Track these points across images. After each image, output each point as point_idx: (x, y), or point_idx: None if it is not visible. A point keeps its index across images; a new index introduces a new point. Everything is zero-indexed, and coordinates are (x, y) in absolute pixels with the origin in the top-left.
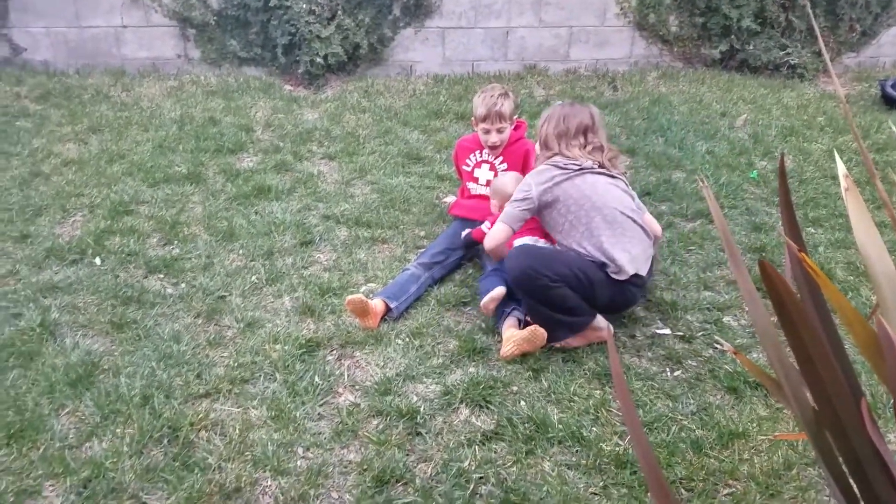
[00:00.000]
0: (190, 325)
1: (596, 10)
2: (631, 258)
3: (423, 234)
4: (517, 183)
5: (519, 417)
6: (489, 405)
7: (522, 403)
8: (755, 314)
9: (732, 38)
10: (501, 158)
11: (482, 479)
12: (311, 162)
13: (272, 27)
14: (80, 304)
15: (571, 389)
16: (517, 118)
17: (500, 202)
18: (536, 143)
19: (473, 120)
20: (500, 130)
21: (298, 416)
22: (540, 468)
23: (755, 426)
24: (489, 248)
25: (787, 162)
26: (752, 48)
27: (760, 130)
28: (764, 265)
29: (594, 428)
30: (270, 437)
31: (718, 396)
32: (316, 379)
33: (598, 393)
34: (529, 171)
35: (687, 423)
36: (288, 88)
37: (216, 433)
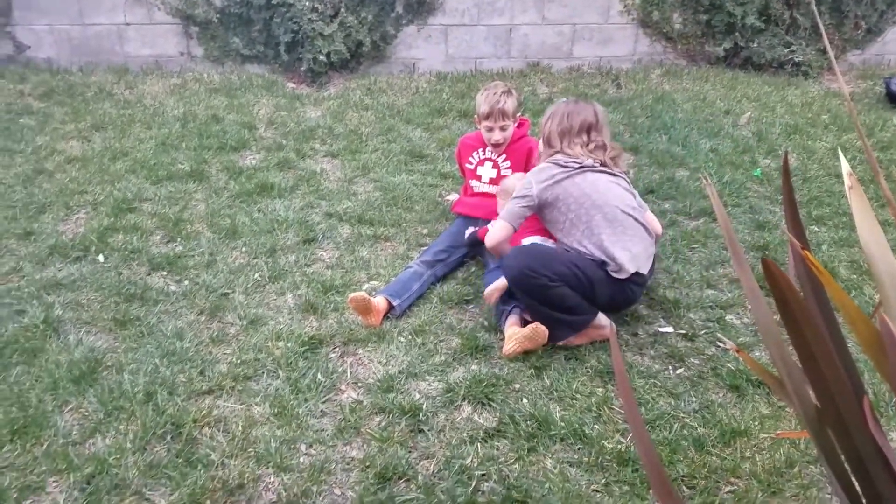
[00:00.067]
0: (193, 322)
1: (599, 7)
2: (631, 256)
3: (425, 231)
4: None
5: (521, 415)
6: (491, 402)
7: (525, 401)
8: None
9: (736, 35)
10: (504, 156)
11: (484, 476)
12: (313, 160)
13: (275, 25)
14: (83, 300)
15: (574, 387)
16: (520, 116)
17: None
18: (539, 140)
19: (476, 118)
20: (503, 128)
21: (301, 412)
22: (542, 465)
23: (757, 424)
24: (490, 245)
25: (790, 160)
26: (756, 46)
27: (764, 128)
28: (767, 263)
29: (596, 425)
30: (273, 433)
31: (721, 394)
32: (319, 376)
33: (600, 391)
34: (532, 168)
35: (689, 420)
36: (291, 86)
37: (219, 430)
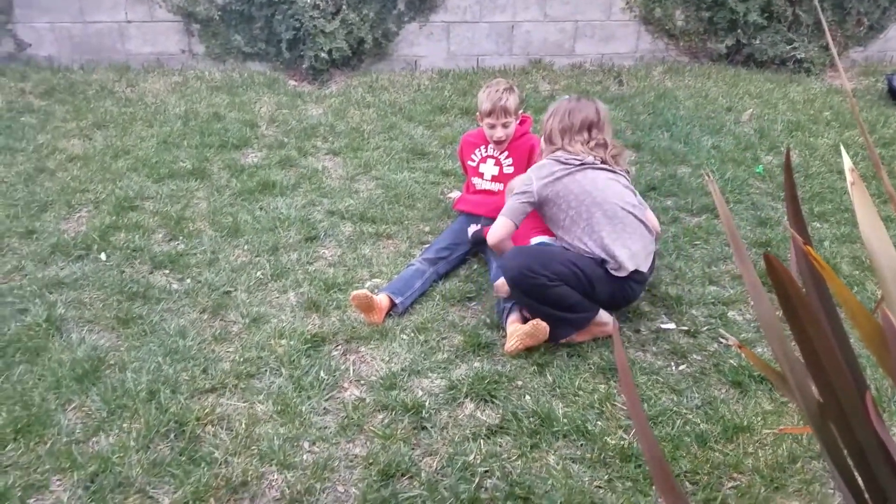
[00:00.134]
0: (195, 320)
1: (601, 4)
2: (631, 254)
3: (427, 229)
4: None
5: (524, 411)
6: (494, 399)
7: (527, 398)
8: (760, 308)
9: (739, 32)
10: (507, 153)
11: (487, 472)
12: (315, 157)
13: (276, 22)
14: (85, 299)
15: (576, 384)
16: (522, 113)
17: None
18: (541, 137)
19: (478, 115)
20: (505, 125)
21: (304, 410)
22: (545, 462)
23: (760, 420)
24: (492, 243)
25: (792, 157)
26: (758, 43)
27: (766, 125)
28: (769, 258)
29: (599, 422)
30: (276, 431)
31: (723, 390)
32: (321, 374)
33: (602, 387)
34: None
35: (692, 416)
36: (292, 83)
37: (222, 428)
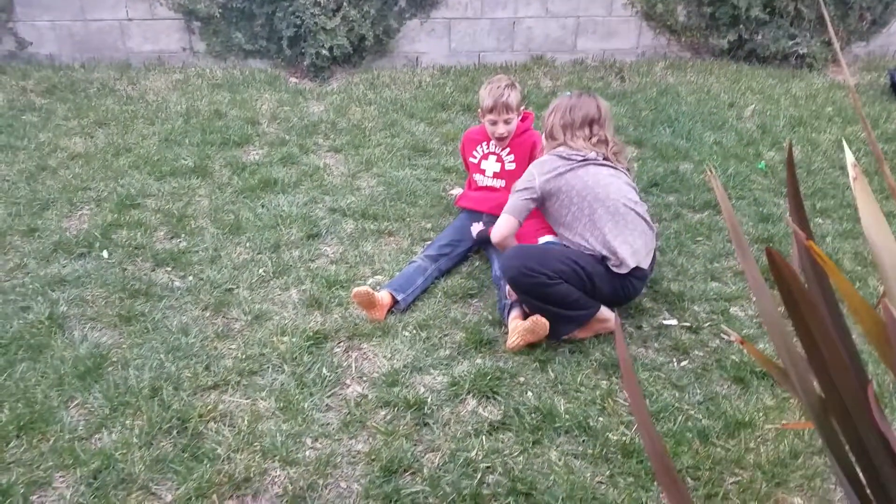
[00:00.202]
0: (198, 317)
1: (603, 0)
2: (633, 251)
3: (429, 226)
4: None
5: (526, 408)
6: (496, 396)
7: (529, 394)
8: (762, 303)
9: (741, 27)
10: (509, 150)
11: (489, 468)
12: (317, 155)
13: (277, 19)
14: (88, 297)
15: (578, 380)
16: (524, 109)
17: None
18: (543, 133)
19: (480, 111)
20: (507, 121)
21: (306, 407)
22: (547, 458)
23: (762, 416)
24: (496, 241)
25: (794, 152)
26: (760, 38)
27: (768, 121)
28: (771, 253)
29: (601, 418)
30: (279, 427)
31: (725, 386)
32: (324, 370)
33: (604, 383)
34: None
35: (693, 412)
36: (293, 81)
37: (225, 424)
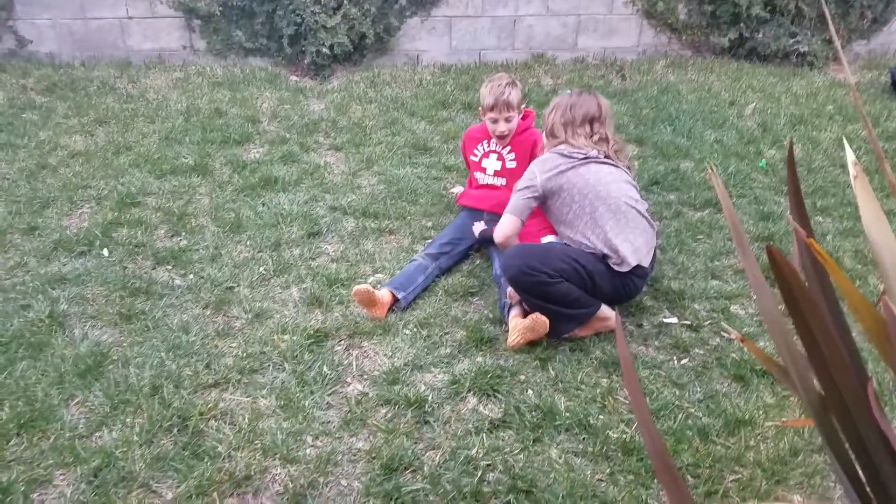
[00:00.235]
0: (198, 315)
1: None
2: (634, 249)
3: (430, 224)
4: None
5: (526, 406)
6: (497, 394)
7: (530, 392)
8: (763, 301)
9: (742, 26)
10: (509, 148)
11: (490, 466)
12: (317, 153)
13: (278, 17)
14: (88, 295)
15: (578, 378)
16: (525, 107)
17: None
18: (543, 132)
19: (481, 109)
20: (507, 119)
21: (307, 405)
22: (547, 455)
23: (762, 413)
24: (499, 241)
25: (795, 150)
26: (761, 36)
27: (769, 119)
28: (772, 251)
29: (601, 416)
30: (279, 425)
31: (725, 384)
32: (324, 369)
33: (604, 381)
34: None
35: (694, 410)
36: (294, 79)
37: (225, 422)
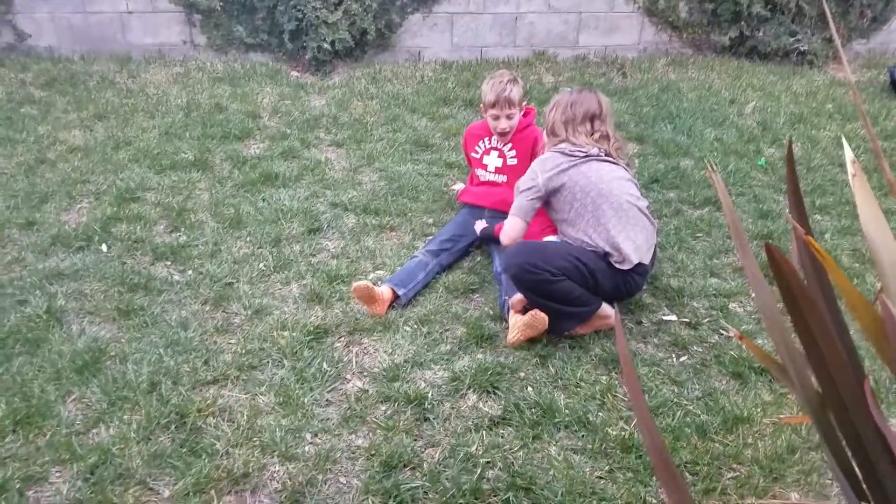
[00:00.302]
0: (197, 311)
1: None
2: (636, 247)
3: (431, 221)
4: None
5: (526, 403)
6: (496, 391)
7: (529, 389)
8: (761, 298)
9: (742, 24)
10: (510, 145)
11: (489, 463)
12: (318, 149)
13: (279, 13)
14: (86, 290)
15: (578, 375)
16: (526, 105)
17: None
18: (544, 130)
19: (482, 106)
20: (509, 117)
21: (306, 402)
22: (546, 453)
23: (760, 411)
24: (506, 243)
25: (794, 149)
26: (761, 35)
27: (769, 118)
28: (770, 249)
29: (600, 413)
30: (278, 423)
31: (724, 382)
32: (324, 365)
33: (604, 379)
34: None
35: (692, 408)
36: (295, 75)
37: (224, 419)
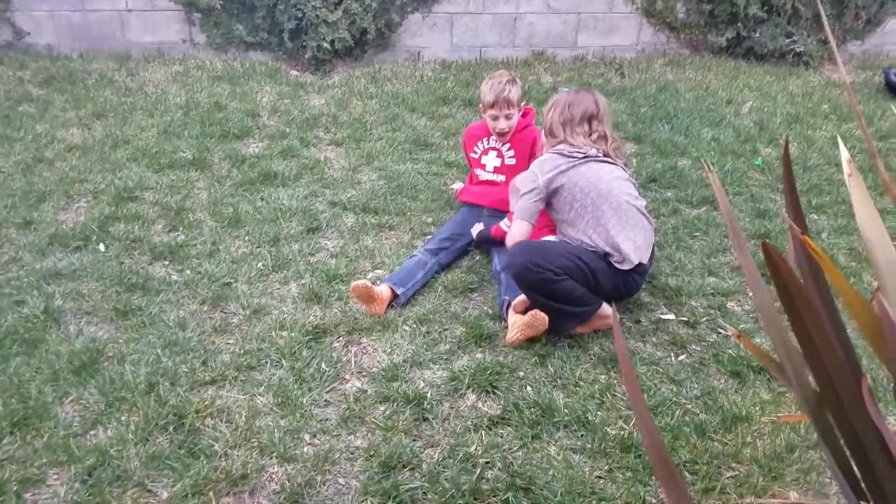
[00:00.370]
0: (195, 311)
1: None
2: (636, 247)
3: (430, 220)
4: None
5: (525, 402)
6: (496, 390)
7: (529, 389)
8: (759, 298)
9: (739, 25)
10: (509, 145)
11: (488, 463)
12: (317, 148)
13: (279, 12)
14: (84, 290)
15: (577, 374)
16: (525, 105)
17: None
18: (542, 130)
19: (481, 106)
20: (508, 117)
21: (305, 402)
22: (546, 452)
23: (758, 410)
24: (511, 246)
25: (791, 149)
26: (758, 36)
27: (765, 118)
28: (767, 248)
29: (599, 412)
30: (277, 423)
31: (722, 380)
32: (323, 365)
33: (603, 378)
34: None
35: (691, 407)
36: (294, 74)
37: (222, 420)
